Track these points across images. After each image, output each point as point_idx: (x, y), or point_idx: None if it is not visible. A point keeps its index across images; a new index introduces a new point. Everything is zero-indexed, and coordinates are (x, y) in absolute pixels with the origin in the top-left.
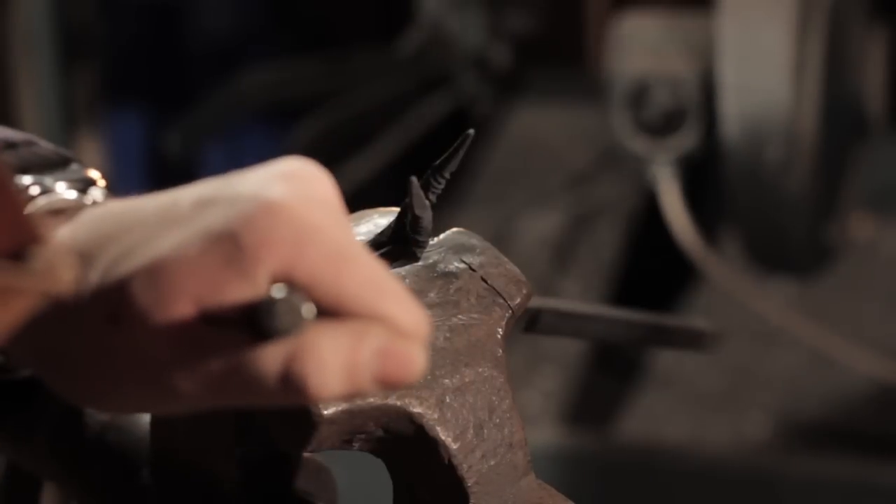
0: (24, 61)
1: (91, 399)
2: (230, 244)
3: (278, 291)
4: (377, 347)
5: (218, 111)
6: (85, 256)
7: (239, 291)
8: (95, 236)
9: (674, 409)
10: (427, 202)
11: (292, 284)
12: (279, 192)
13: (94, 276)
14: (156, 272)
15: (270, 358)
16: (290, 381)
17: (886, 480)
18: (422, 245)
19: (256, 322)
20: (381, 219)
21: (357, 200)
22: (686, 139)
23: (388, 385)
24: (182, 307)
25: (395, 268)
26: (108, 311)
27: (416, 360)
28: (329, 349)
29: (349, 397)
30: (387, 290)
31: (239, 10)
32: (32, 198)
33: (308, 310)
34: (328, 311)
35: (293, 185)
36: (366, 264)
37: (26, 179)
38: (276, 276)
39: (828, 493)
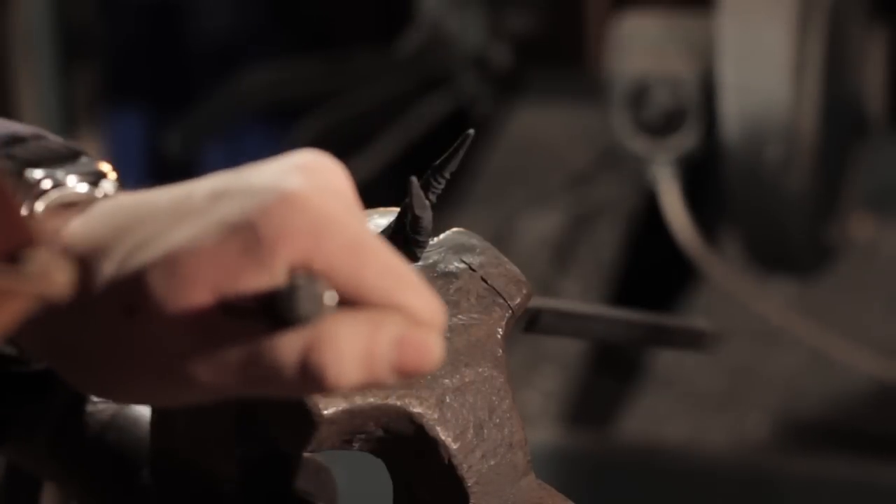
0: (24, 61)
1: (106, 390)
2: (248, 234)
3: (299, 279)
4: (395, 336)
5: (218, 111)
6: (99, 249)
7: (257, 281)
8: (109, 229)
9: (674, 409)
10: (427, 202)
11: (311, 273)
12: (296, 182)
13: (110, 268)
14: (172, 263)
15: (288, 347)
16: (309, 371)
17: (886, 480)
18: (422, 245)
19: (277, 309)
20: (381, 219)
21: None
22: (686, 139)
23: (406, 374)
24: (199, 297)
25: None
26: (124, 303)
27: (433, 348)
28: (347, 338)
29: (367, 387)
30: (404, 279)
31: (239, 10)
32: (44, 191)
33: (330, 297)
34: (345, 301)
35: (309, 176)
36: (383, 254)
37: (37, 173)
38: (294, 267)
39: (828, 493)
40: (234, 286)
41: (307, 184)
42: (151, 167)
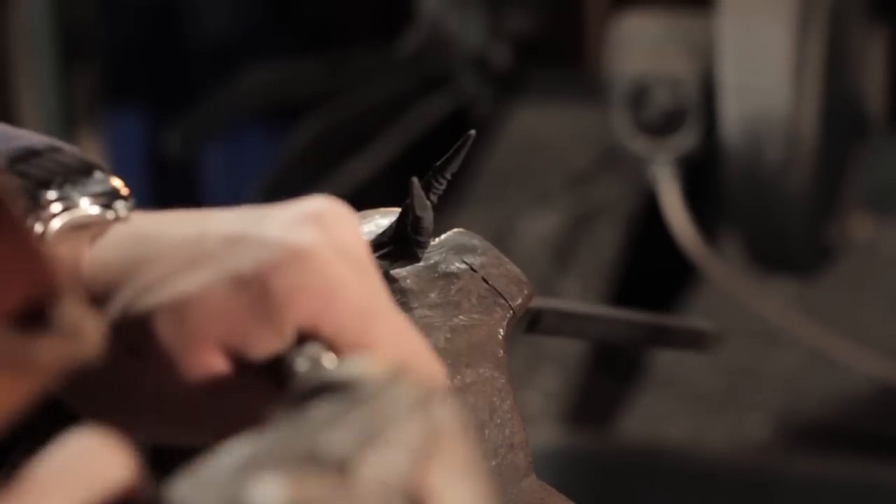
0: (24, 61)
1: (108, 423)
2: (258, 289)
3: (306, 351)
4: None
5: (218, 111)
6: (111, 284)
7: (264, 337)
8: (121, 263)
9: (674, 409)
10: (428, 203)
11: (317, 337)
12: (308, 237)
13: (119, 305)
14: (181, 311)
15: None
16: None
17: (886, 480)
18: (423, 245)
19: (281, 376)
20: (382, 219)
21: (357, 200)
22: (686, 139)
23: None
24: (206, 348)
25: (396, 268)
26: (130, 344)
27: None
28: None
29: None
30: (410, 347)
31: (239, 10)
32: (54, 214)
33: (335, 370)
34: None
35: (321, 230)
36: (391, 320)
37: (50, 194)
38: (303, 326)
39: (828, 493)
40: (241, 340)
41: (320, 239)
42: (151, 167)
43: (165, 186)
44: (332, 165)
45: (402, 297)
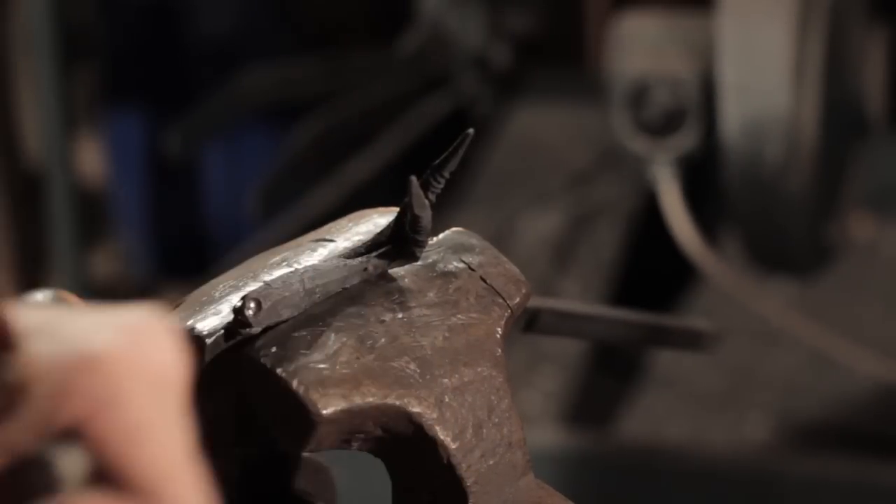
0: (24, 61)
1: None
2: (34, 381)
3: (52, 451)
4: None
5: (218, 111)
6: None
7: (22, 434)
8: None
9: (674, 409)
10: (426, 202)
11: (78, 440)
12: (106, 345)
13: None
14: None
15: None
16: None
17: (886, 480)
18: (421, 244)
19: (26, 475)
20: (380, 218)
21: (357, 200)
22: (686, 139)
23: None
24: None
25: (394, 267)
26: None
27: None
28: None
29: None
30: (174, 473)
31: (239, 10)
32: None
33: (77, 478)
34: (109, 478)
35: (127, 342)
36: (164, 445)
37: None
38: (68, 428)
39: (828, 493)
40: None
41: (119, 350)
42: (151, 167)
43: (165, 186)
44: (332, 165)
45: (400, 296)
